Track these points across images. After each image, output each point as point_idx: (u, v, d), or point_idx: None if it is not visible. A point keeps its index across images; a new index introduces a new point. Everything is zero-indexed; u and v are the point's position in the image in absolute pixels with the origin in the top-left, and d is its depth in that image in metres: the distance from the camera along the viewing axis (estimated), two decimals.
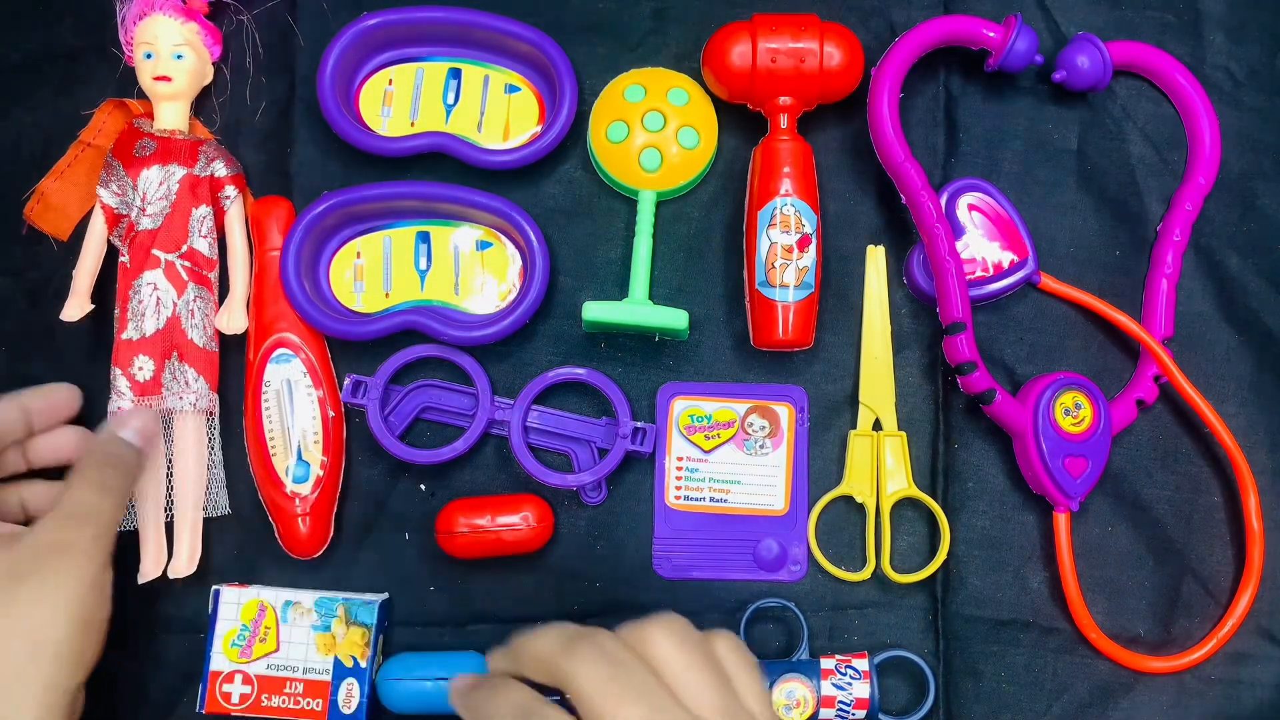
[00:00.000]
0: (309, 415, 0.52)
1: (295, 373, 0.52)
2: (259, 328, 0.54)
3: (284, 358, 0.52)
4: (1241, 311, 0.57)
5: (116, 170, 0.55)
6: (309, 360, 0.52)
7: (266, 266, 0.54)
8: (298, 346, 0.52)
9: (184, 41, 0.56)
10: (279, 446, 0.52)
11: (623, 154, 0.55)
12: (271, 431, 0.52)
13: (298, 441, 0.52)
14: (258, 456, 0.53)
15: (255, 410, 0.53)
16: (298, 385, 0.51)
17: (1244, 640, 0.54)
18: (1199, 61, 0.58)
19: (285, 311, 0.53)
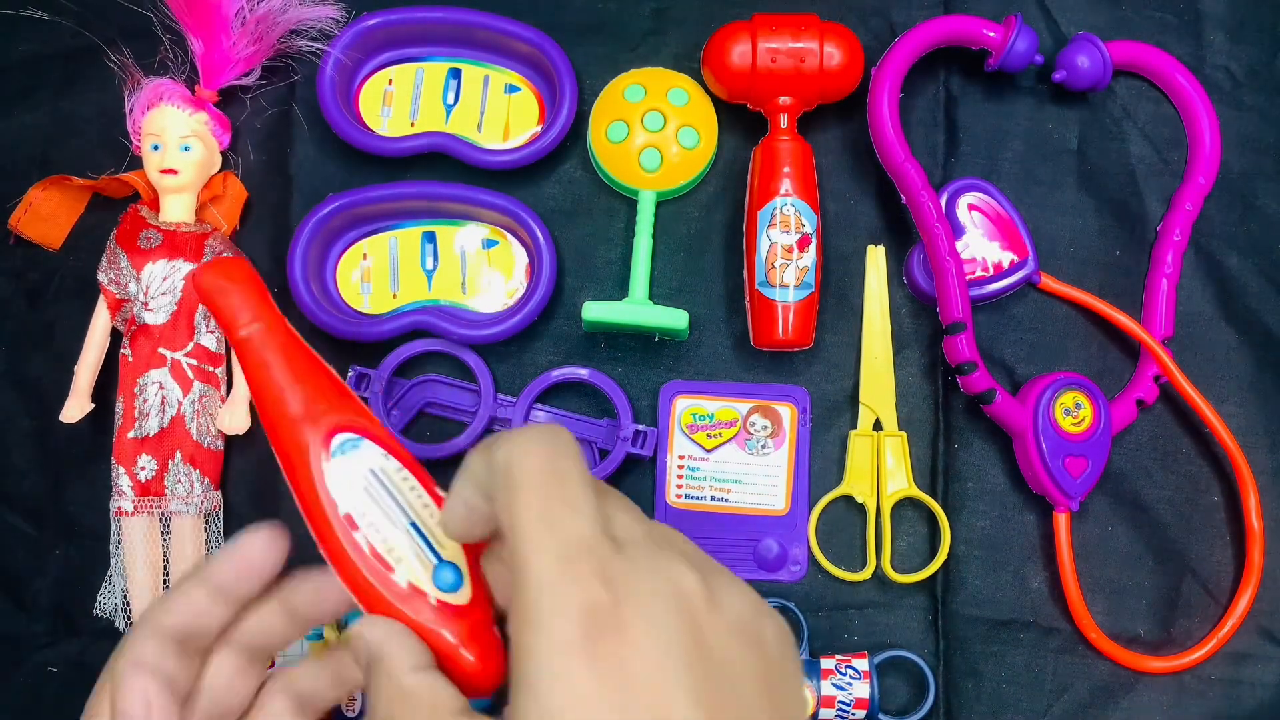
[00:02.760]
0: (421, 502, 0.35)
1: (374, 457, 0.35)
2: (282, 426, 0.35)
3: (349, 444, 0.34)
4: (1241, 311, 0.57)
5: (120, 259, 0.54)
6: (377, 434, 0.35)
7: (247, 352, 0.36)
8: (360, 426, 0.35)
9: (191, 133, 0.55)
10: (403, 553, 0.33)
11: (623, 154, 0.55)
12: (386, 542, 0.33)
13: (426, 536, 0.34)
14: (368, 580, 0.34)
15: (336, 530, 0.34)
16: (388, 471, 0.34)
17: (1244, 640, 0.54)
18: (1199, 61, 0.58)
19: (322, 389, 0.35)
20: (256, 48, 0.56)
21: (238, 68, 0.56)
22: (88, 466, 0.55)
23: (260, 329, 0.36)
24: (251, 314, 0.36)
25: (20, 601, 0.55)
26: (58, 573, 0.55)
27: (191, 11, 0.55)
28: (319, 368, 0.36)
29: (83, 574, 0.55)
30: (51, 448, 0.56)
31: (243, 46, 0.56)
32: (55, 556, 0.55)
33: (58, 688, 0.54)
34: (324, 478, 0.34)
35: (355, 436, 0.35)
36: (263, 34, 0.56)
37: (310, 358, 0.36)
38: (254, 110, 0.58)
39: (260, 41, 0.56)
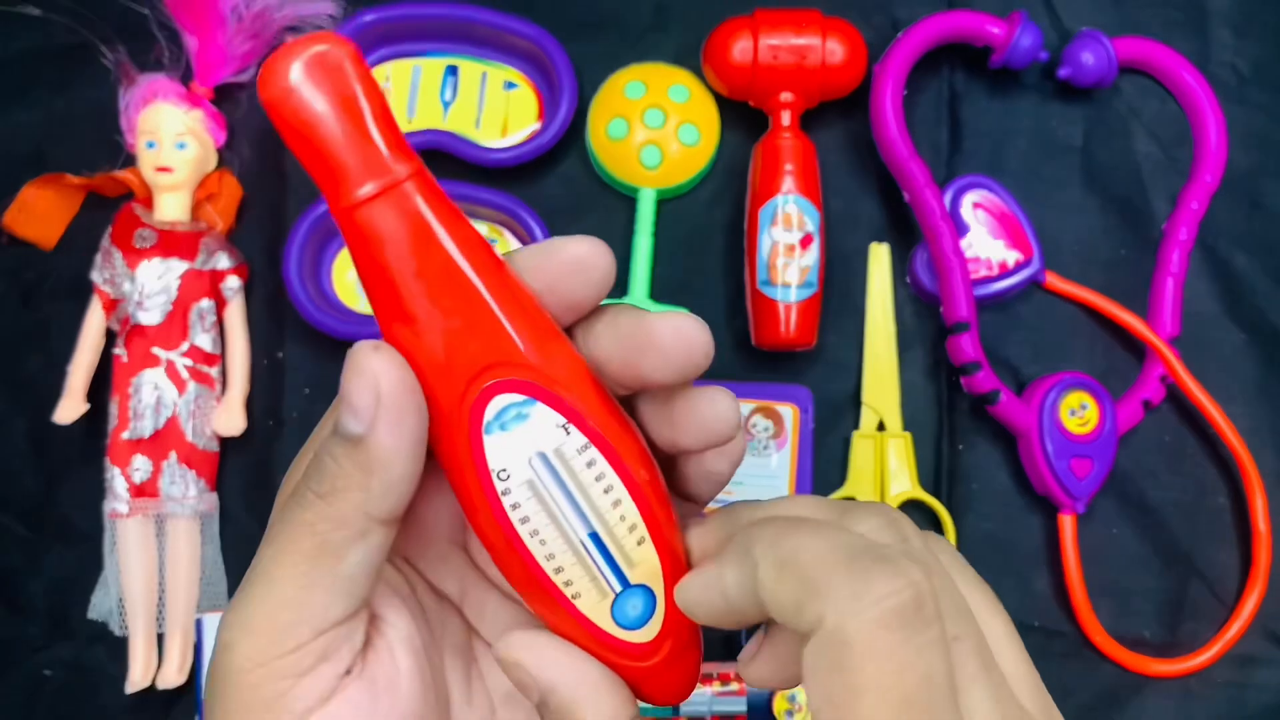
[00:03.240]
0: (609, 500, 0.24)
1: (548, 431, 0.23)
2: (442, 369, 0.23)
3: (515, 412, 0.23)
4: (1248, 311, 0.56)
5: (114, 258, 0.54)
6: (558, 382, 0.23)
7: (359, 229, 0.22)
8: (535, 386, 0.23)
9: (187, 131, 0.54)
10: (574, 575, 0.24)
11: (623, 151, 0.55)
12: (553, 559, 0.24)
13: (610, 552, 0.24)
14: (530, 588, 0.25)
15: (494, 521, 0.23)
16: (564, 456, 0.23)
17: (1250, 643, 0.54)
18: (1205, 58, 0.58)
19: (479, 328, 0.22)
20: (252, 44, 0.56)
21: (233, 65, 0.56)
22: (82, 468, 0.55)
23: (400, 186, 0.21)
24: (383, 157, 0.21)
25: (14, 604, 0.55)
26: (52, 575, 0.55)
27: (187, 8, 0.55)
28: (481, 265, 0.22)
29: (78, 576, 0.54)
30: (45, 449, 0.56)
31: (239, 43, 0.55)
32: (49, 559, 0.55)
33: (53, 691, 0.54)
34: (483, 463, 0.23)
35: (523, 400, 0.23)
36: (259, 31, 0.55)
37: (469, 241, 0.22)
38: (250, 108, 0.57)
39: (256, 38, 0.55)
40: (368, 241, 0.22)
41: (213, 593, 0.54)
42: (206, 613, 0.53)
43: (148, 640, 0.52)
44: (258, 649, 0.22)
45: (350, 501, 0.22)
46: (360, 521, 0.22)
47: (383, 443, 0.21)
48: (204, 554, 0.54)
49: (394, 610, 0.24)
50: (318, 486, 0.22)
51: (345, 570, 0.22)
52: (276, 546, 0.23)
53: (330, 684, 0.23)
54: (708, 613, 0.23)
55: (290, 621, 0.22)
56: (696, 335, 0.22)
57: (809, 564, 0.21)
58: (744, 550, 0.22)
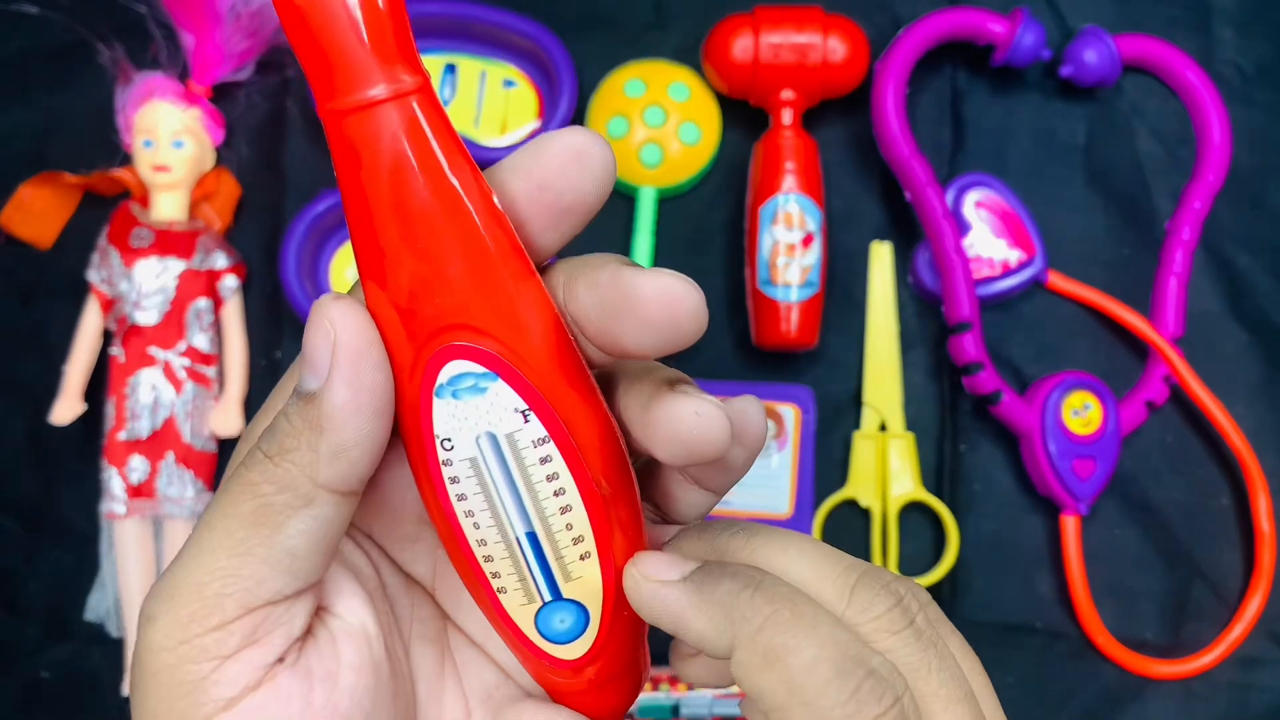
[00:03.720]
0: (558, 504, 0.21)
1: (503, 414, 0.20)
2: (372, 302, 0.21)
3: (469, 385, 0.20)
4: (1251, 311, 0.56)
5: (111, 258, 0.53)
6: (517, 376, 0.20)
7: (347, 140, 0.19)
8: (500, 361, 0.20)
9: (184, 129, 0.54)
10: (502, 569, 0.22)
11: (622, 150, 0.55)
12: (483, 541, 0.22)
13: (546, 558, 0.22)
14: (459, 563, 0.23)
15: (431, 483, 0.21)
16: (517, 445, 0.21)
17: (1254, 644, 0.53)
18: (1208, 57, 0.58)
19: (448, 281, 0.20)
20: (250, 43, 0.55)
21: (231, 63, 0.56)
22: (79, 469, 0.54)
23: (392, 102, 0.19)
24: (384, 65, 0.19)
25: (12, 605, 0.54)
26: (49, 576, 0.55)
27: (184, 6, 0.54)
28: (476, 202, 0.20)
29: (75, 577, 0.54)
30: (42, 449, 0.55)
31: (236, 41, 0.55)
32: (47, 560, 0.55)
33: (50, 692, 0.54)
34: (430, 419, 0.20)
35: (483, 372, 0.20)
36: (256, 29, 0.55)
37: (465, 180, 0.19)
38: (247, 106, 0.57)
39: (253, 36, 0.55)
40: (347, 154, 0.19)
41: None
42: None
43: None
44: (178, 623, 0.20)
45: (298, 463, 0.19)
46: (306, 486, 0.20)
47: (335, 398, 0.19)
48: None
49: (347, 596, 0.22)
50: (267, 446, 0.20)
51: (285, 541, 0.20)
52: (216, 509, 0.20)
53: (258, 671, 0.20)
54: (651, 617, 0.22)
55: (217, 593, 0.20)
56: (685, 297, 0.20)
57: (798, 670, 0.20)
58: (724, 612, 0.20)
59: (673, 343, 0.20)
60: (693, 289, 0.20)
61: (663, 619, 0.21)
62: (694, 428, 0.20)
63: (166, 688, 0.20)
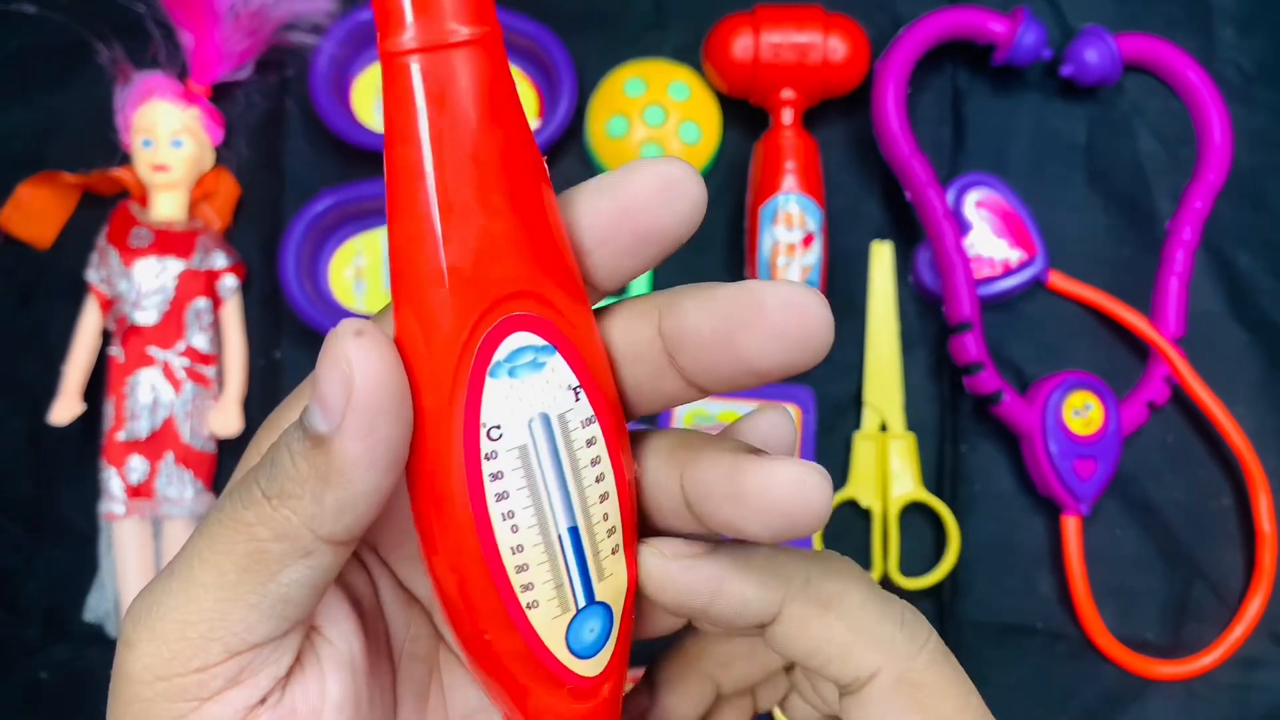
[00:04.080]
0: (598, 490, 0.20)
1: (557, 392, 0.19)
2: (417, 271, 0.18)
3: (528, 360, 0.18)
4: (1252, 311, 0.56)
5: (110, 257, 0.53)
6: (582, 361, 0.19)
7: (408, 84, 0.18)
8: (561, 334, 0.19)
9: (183, 129, 0.54)
10: (538, 574, 0.19)
11: (622, 150, 0.54)
12: (519, 546, 0.19)
13: (585, 556, 0.20)
14: (474, 588, 0.20)
15: (462, 488, 0.19)
16: (567, 424, 0.19)
17: (1255, 645, 0.53)
18: (1209, 56, 0.58)
19: (519, 243, 0.18)
20: (249, 42, 0.55)
21: (230, 62, 0.55)
22: (78, 469, 0.54)
23: (465, 47, 0.17)
24: (459, 6, 0.17)
25: (10, 606, 0.54)
26: (48, 576, 0.55)
27: (183, 6, 0.54)
28: (534, 175, 0.18)
29: (74, 578, 0.54)
30: (41, 450, 0.55)
31: (235, 41, 0.55)
32: (45, 560, 0.55)
33: (49, 694, 0.54)
34: (478, 405, 0.18)
35: (543, 345, 0.18)
36: (255, 28, 0.55)
37: (527, 147, 0.18)
38: (247, 105, 0.57)
39: (253, 36, 0.55)
40: (421, 96, 0.17)
41: None
42: None
43: None
44: (160, 660, 0.19)
45: (299, 512, 0.18)
46: (306, 538, 0.18)
47: (347, 451, 0.17)
48: None
49: (340, 620, 0.21)
50: (267, 485, 0.18)
51: (278, 589, 0.18)
52: (206, 542, 0.19)
53: (238, 713, 0.19)
54: (681, 597, 0.20)
55: (202, 637, 0.18)
56: (815, 308, 0.18)
57: (855, 609, 0.21)
58: (768, 573, 0.20)
59: (802, 357, 0.19)
60: (822, 300, 0.18)
61: (696, 595, 0.20)
62: (796, 497, 0.18)
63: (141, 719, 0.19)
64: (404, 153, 0.17)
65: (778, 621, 0.21)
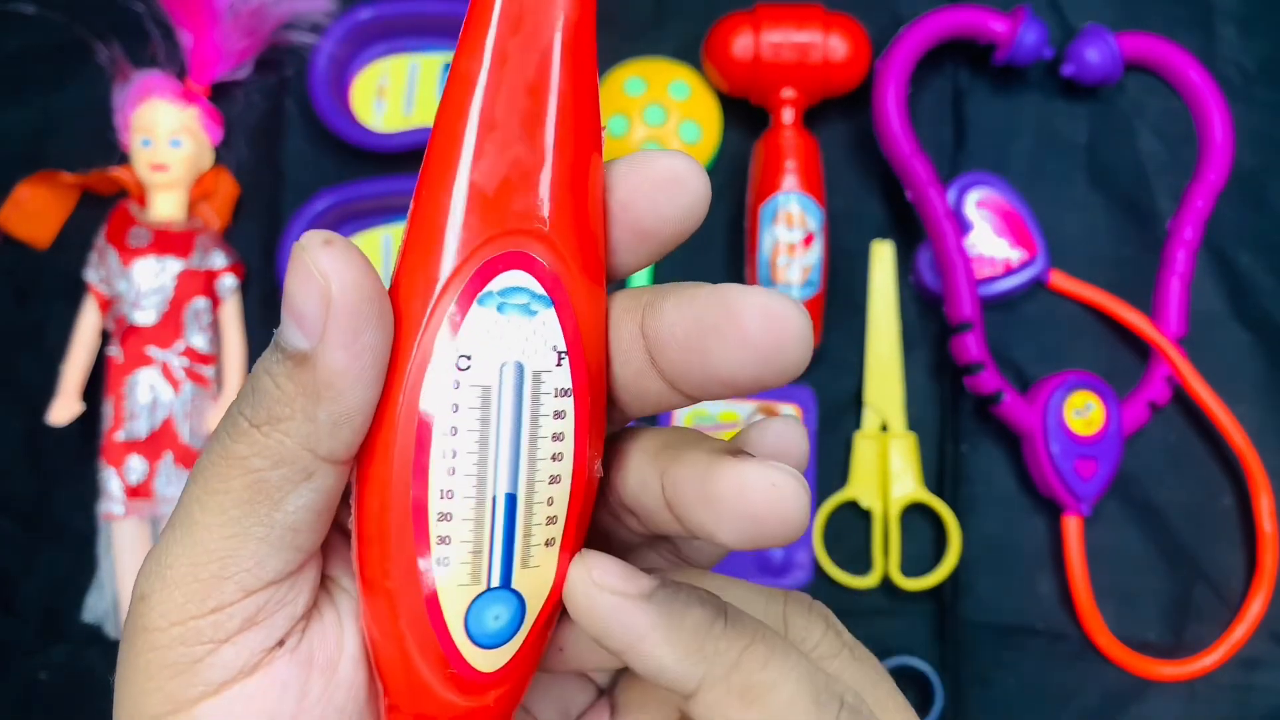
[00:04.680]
0: (549, 469, 0.19)
1: (538, 345, 0.18)
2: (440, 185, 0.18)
3: (521, 301, 0.18)
4: (1254, 311, 0.56)
5: (109, 257, 0.53)
6: (569, 310, 0.18)
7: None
8: (562, 288, 0.18)
9: (182, 128, 0.54)
10: (459, 530, 0.18)
11: (622, 149, 0.54)
12: (449, 491, 0.18)
13: (515, 530, 0.19)
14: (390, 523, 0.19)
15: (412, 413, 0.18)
16: (539, 379, 0.18)
17: (1256, 646, 0.53)
18: (1210, 56, 0.58)
19: (549, 179, 0.18)
20: (248, 41, 0.55)
21: (229, 62, 0.55)
22: (77, 469, 0.54)
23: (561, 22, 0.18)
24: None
25: (9, 606, 0.54)
26: (46, 577, 0.54)
27: (182, 5, 0.54)
28: (591, 135, 0.19)
29: (72, 578, 0.54)
30: (40, 450, 0.55)
31: (234, 40, 0.55)
32: (44, 560, 0.55)
33: (47, 694, 0.54)
34: (456, 326, 0.18)
35: (540, 294, 0.18)
36: (254, 27, 0.55)
37: (589, 102, 0.19)
38: (246, 105, 0.57)
39: (252, 35, 0.55)
40: (483, 12, 0.18)
41: None
42: None
43: None
44: (174, 604, 0.18)
45: (292, 434, 0.17)
46: (304, 459, 0.18)
47: (334, 362, 0.17)
48: None
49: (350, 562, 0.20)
50: (253, 414, 0.18)
51: (284, 518, 0.18)
52: (202, 484, 0.18)
53: (255, 655, 0.19)
54: (598, 631, 0.19)
55: (215, 576, 0.18)
56: (792, 319, 0.17)
57: (780, 708, 0.18)
58: (694, 645, 0.18)
59: (773, 370, 0.18)
60: (802, 313, 0.17)
61: (614, 637, 0.18)
62: (769, 502, 0.17)
63: (155, 667, 0.18)
64: (465, 65, 0.18)
65: (693, 700, 0.19)
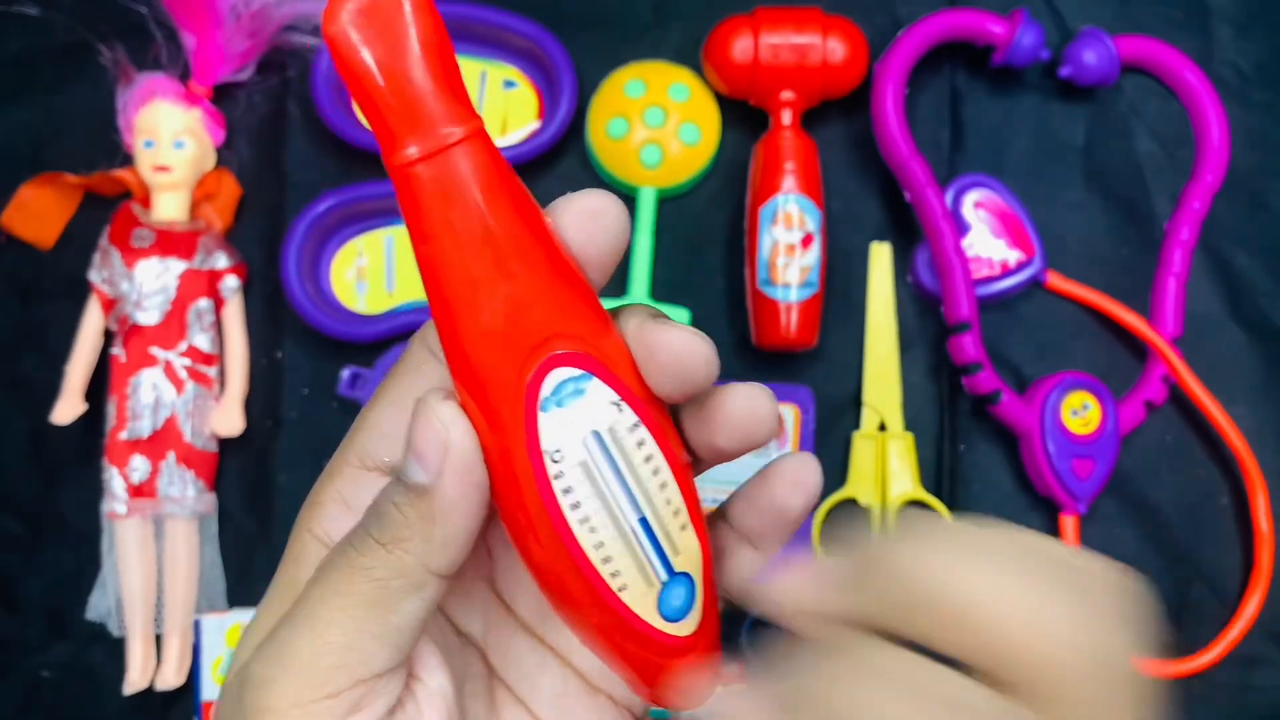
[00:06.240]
0: (656, 481, 0.23)
1: (602, 408, 0.22)
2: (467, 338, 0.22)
3: (572, 386, 0.22)
4: (1250, 311, 0.56)
5: (112, 258, 0.53)
6: (615, 377, 0.22)
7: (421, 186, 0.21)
8: (592, 360, 0.22)
9: (185, 130, 0.54)
10: (622, 564, 0.23)
11: (622, 150, 0.55)
12: (601, 547, 0.22)
13: (658, 539, 0.23)
14: (573, 585, 0.23)
15: (541, 507, 0.22)
16: (617, 433, 0.22)
17: (1252, 644, 0.53)
18: (1207, 57, 0.58)
19: (541, 275, 0.22)
20: (251, 43, 0.55)
21: (232, 63, 0.56)
22: (80, 468, 0.55)
23: (458, 146, 0.20)
24: (445, 111, 0.20)
25: (12, 605, 0.55)
26: (50, 576, 0.55)
27: (185, 7, 0.54)
28: (539, 230, 0.21)
29: (76, 577, 0.54)
30: (43, 449, 0.55)
31: (237, 42, 0.55)
32: (47, 559, 0.55)
33: (51, 692, 0.54)
34: (537, 438, 0.21)
35: (580, 374, 0.22)
36: (257, 29, 0.55)
37: (526, 210, 0.21)
38: (248, 106, 0.57)
39: (255, 37, 0.55)
40: (430, 197, 0.20)
41: (211, 593, 0.53)
42: (205, 614, 0.52)
43: (146, 641, 0.52)
44: (295, 690, 0.21)
45: (412, 551, 0.21)
46: (419, 573, 0.22)
47: (449, 494, 0.21)
48: (202, 554, 0.53)
49: (431, 663, 0.24)
50: (379, 534, 0.22)
51: (396, 621, 0.22)
52: (328, 588, 0.22)
53: None
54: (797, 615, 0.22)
55: (333, 666, 0.21)
56: (697, 351, 0.22)
57: None
58: None
59: (687, 387, 0.22)
60: (704, 343, 0.22)
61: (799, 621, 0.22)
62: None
63: None
64: (428, 249, 0.21)
65: None
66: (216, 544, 0.54)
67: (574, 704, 0.26)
